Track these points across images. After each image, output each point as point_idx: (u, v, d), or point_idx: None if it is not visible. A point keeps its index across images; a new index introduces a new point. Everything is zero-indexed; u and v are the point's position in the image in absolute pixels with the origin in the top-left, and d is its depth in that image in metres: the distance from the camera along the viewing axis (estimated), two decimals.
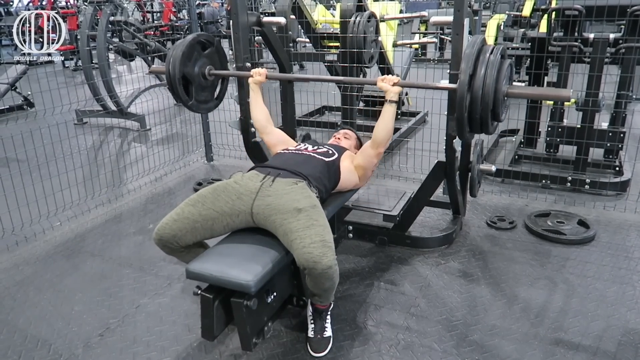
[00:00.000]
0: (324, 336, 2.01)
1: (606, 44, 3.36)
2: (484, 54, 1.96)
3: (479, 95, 1.91)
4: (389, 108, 2.22)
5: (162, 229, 1.96)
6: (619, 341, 2.01)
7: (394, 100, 2.20)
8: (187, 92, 2.59)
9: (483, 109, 1.94)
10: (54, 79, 3.99)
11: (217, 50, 2.69)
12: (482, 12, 9.04)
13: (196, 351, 2.03)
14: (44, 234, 3.04)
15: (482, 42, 2.02)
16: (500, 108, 1.98)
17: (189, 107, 2.64)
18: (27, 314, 2.30)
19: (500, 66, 1.96)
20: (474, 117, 1.97)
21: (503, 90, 1.96)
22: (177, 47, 2.50)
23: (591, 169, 3.70)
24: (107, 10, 5.48)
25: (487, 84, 1.91)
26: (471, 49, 1.96)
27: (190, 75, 2.55)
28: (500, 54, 1.98)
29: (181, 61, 2.46)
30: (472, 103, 1.94)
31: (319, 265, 1.73)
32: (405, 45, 5.67)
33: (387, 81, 2.21)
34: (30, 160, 3.29)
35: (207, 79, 2.64)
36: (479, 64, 1.93)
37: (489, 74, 1.91)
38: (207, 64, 2.62)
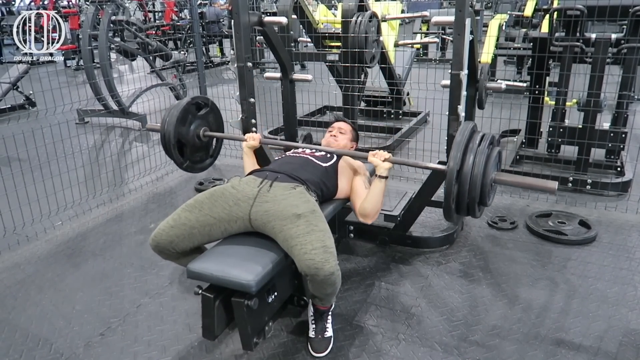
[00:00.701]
0: (325, 336, 2.01)
1: (608, 44, 3.36)
2: (474, 142, 2.02)
3: (467, 183, 1.98)
4: (378, 184, 2.15)
5: (158, 236, 1.95)
6: (620, 342, 2.01)
7: (384, 175, 2.15)
8: (181, 153, 2.62)
9: (470, 195, 2.00)
10: (56, 79, 3.99)
11: (212, 110, 2.71)
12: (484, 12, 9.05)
13: (197, 351, 2.03)
14: (45, 233, 3.04)
15: (472, 129, 2.08)
16: (487, 195, 2.04)
17: (184, 168, 2.68)
18: (28, 313, 2.30)
19: (488, 154, 2.02)
20: (461, 202, 2.03)
21: (491, 177, 2.03)
22: (173, 110, 2.52)
23: (593, 169, 3.69)
24: (109, 10, 5.49)
25: (474, 173, 1.97)
26: (461, 137, 2.02)
27: (185, 138, 2.58)
28: (489, 142, 2.05)
29: (176, 126, 2.49)
30: (460, 190, 2.00)
31: (321, 272, 1.73)
32: (407, 45, 5.66)
33: (378, 156, 2.17)
34: (32, 159, 3.30)
35: (201, 140, 2.66)
36: (468, 152, 1.99)
37: (477, 163, 1.97)
38: (202, 125, 2.64)
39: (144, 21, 11.26)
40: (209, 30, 10.03)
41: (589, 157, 3.61)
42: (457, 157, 1.97)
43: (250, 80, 2.90)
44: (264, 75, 3.46)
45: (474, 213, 2.08)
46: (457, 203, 2.05)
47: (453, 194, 2.01)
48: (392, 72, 4.97)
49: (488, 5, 13.12)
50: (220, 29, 10.27)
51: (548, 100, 4.36)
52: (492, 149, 2.07)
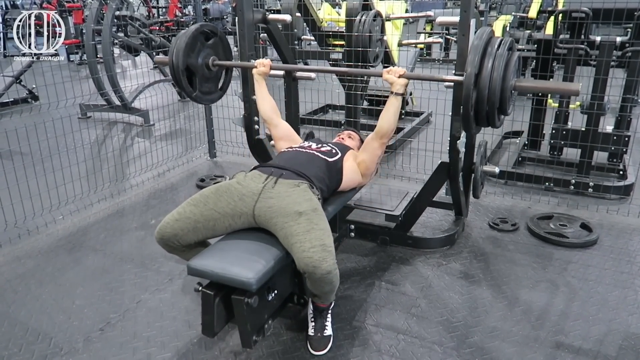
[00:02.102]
0: (324, 335, 2.01)
1: (612, 47, 3.35)
2: (492, 46, 1.92)
3: (486, 89, 1.88)
4: (394, 101, 2.21)
5: (163, 228, 1.96)
6: (620, 345, 2.01)
7: (400, 92, 2.19)
8: (190, 84, 2.56)
9: (490, 103, 1.91)
10: (59, 73, 3.98)
11: (221, 40, 2.65)
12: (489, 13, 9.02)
13: (196, 347, 2.03)
14: (47, 227, 3.04)
15: (489, 34, 1.98)
16: (507, 102, 1.95)
17: (193, 98, 2.61)
18: (28, 307, 2.30)
19: (508, 59, 1.92)
20: (480, 111, 1.94)
21: (510, 83, 1.93)
22: (180, 37, 2.46)
23: (595, 172, 3.69)
24: (113, 5, 5.48)
25: (494, 77, 1.87)
26: (478, 41, 1.92)
27: (194, 67, 2.52)
28: (508, 46, 1.95)
29: (184, 52, 2.43)
30: (479, 97, 1.90)
31: (318, 270, 1.73)
32: (411, 44, 5.65)
33: (392, 73, 2.19)
34: (34, 153, 3.30)
35: (210, 70, 2.61)
36: (486, 56, 1.89)
37: (497, 67, 1.87)
38: (210, 55, 2.59)
39: (147, 17, 11.25)
40: None
41: (591, 160, 3.60)
42: (475, 62, 1.87)
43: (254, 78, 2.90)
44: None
45: (494, 122, 1.99)
46: (476, 111, 1.95)
47: (472, 101, 1.91)
48: None
49: (493, 6, 13.09)
50: (224, 25, 10.27)
51: (551, 103, 4.36)
52: (512, 54, 1.96)
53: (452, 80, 2.15)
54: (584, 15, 3.30)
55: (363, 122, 4.08)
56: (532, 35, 5.34)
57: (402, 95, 2.20)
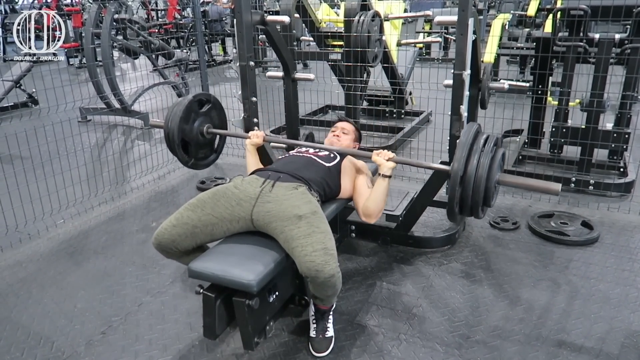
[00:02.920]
0: (326, 336, 2.01)
1: (611, 44, 3.34)
2: (478, 143, 2.01)
3: (472, 183, 1.97)
4: (381, 182, 2.16)
5: (160, 235, 1.95)
6: (622, 343, 2.01)
7: (387, 175, 2.16)
8: (186, 151, 2.62)
9: (474, 197, 2.00)
10: (59, 77, 3.99)
11: (214, 106, 2.70)
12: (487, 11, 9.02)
13: (198, 350, 2.03)
14: (48, 231, 3.04)
15: (476, 130, 2.07)
16: (491, 197, 2.03)
17: (189, 166, 2.69)
18: (30, 311, 2.31)
19: (493, 155, 2.02)
20: (465, 202, 2.02)
21: (495, 178, 2.02)
22: (175, 108, 2.52)
23: (595, 170, 3.68)
24: (112, 8, 5.49)
25: (479, 174, 1.96)
26: (466, 138, 2.01)
27: (189, 137, 2.58)
28: (494, 143, 2.05)
29: (179, 125, 2.49)
30: (464, 194, 1.99)
31: (321, 274, 1.73)
32: (410, 44, 5.65)
33: (382, 155, 2.18)
34: (34, 157, 3.31)
35: (205, 137, 2.66)
36: (473, 153, 1.98)
37: (482, 165, 1.96)
38: (205, 122, 2.64)
39: (146, 19, 11.27)
40: (212, 28, 10.03)
41: (591, 157, 3.60)
42: (462, 159, 1.96)
43: (253, 79, 2.90)
44: (266, 74, 3.46)
45: (478, 214, 2.08)
46: (460, 205, 2.04)
47: (457, 196, 2.00)
48: (394, 71, 4.96)
49: (491, 4, 13.08)
50: (222, 27, 10.27)
51: (551, 101, 4.35)
52: (496, 150, 2.06)
53: (440, 169, 2.21)
54: (583, 13, 3.30)
55: (363, 122, 4.08)
56: (531, 33, 5.34)
57: (389, 177, 2.18)
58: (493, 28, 4.62)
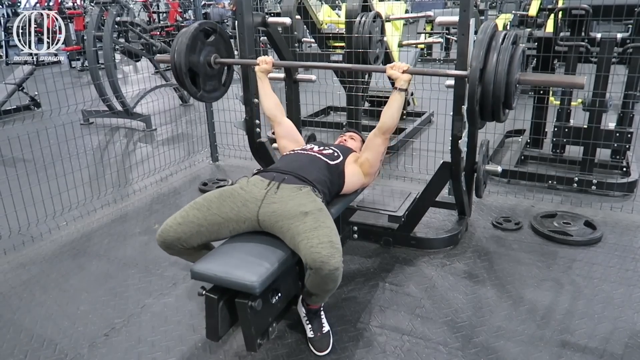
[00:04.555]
0: (324, 332, 2.02)
1: (613, 43, 3.34)
2: (496, 40, 1.91)
3: (491, 83, 1.87)
4: (397, 96, 2.21)
5: (165, 232, 1.95)
6: (626, 343, 2.00)
7: (404, 88, 2.19)
8: (194, 83, 2.54)
9: (495, 97, 1.90)
10: (61, 80, 4.00)
11: (221, 36, 2.62)
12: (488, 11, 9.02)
13: (201, 351, 2.03)
14: (50, 233, 3.05)
15: (493, 28, 1.97)
16: (512, 96, 1.94)
17: (198, 98, 2.59)
18: (33, 313, 2.31)
19: (512, 53, 1.91)
20: (486, 106, 1.93)
21: (515, 77, 1.92)
22: (181, 38, 2.42)
23: (598, 169, 3.68)
24: (114, 11, 5.52)
25: (499, 71, 1.86)
26: (483, 35, 1.90)
27: (196, 67, 2.49)
28: (512, 40, 1.94)
29: (186, 53, 2.40)
30: (484, 91, 1.89)
31: (326, 265, 1.72)
32: (411, 45, 5.65)
33: (396, 68, 2.19)
34: (37, 160, 3.31)
35: (213, 68, 2.58)
36: (491, 50, 1.88)
37: (501, 61, 1.86)
38: (212, 52, 2.55)
39: (148, 22, 11.28)
40: None
41: (594, 157, 3.59)
42: (480, 56, 1.86)
43: (254, 81, 2.90)
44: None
45: (499, 116, 1.98)
46: (481, 105, 1.94)
47: (477, 96, 1.91)
48: None
49: (492, 5, 13.08)
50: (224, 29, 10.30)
51: (553, 100, 4.35)
52: (516, 47, 1.96)
53: (457, 75, 2.14)
54: (584, 13, 3.30)
55: (365, 123, 4.07)
56: (533, 33, 5.33)
57: (405, 91, 2.20)
58: None
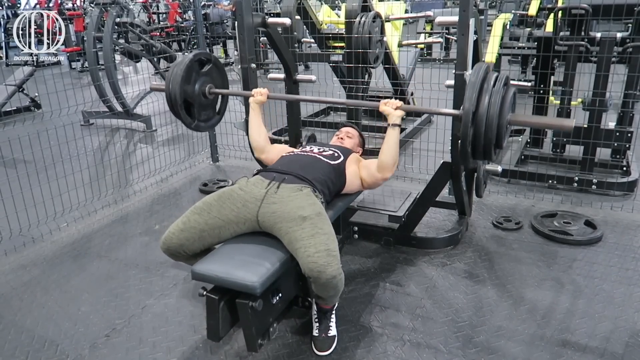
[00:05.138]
0: (329, 335, 2.02)
1: (613, 43, 3.34)
2: (488, 82, 1.97)
3: (483, 125, 1.93)
4: (392, 132, 2.18)
5: (169, 239, 1.97)
6: (627, 343, 2.00)
7: (397, 123, 2.18)
8: (189, 113, 2.57)
9: (487, 137, 1.96)
10: (61, 81, 4.00)
11: (215, 66, 2.65)
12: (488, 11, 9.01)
13: (202, 352, 2.03)
14: (51, 235, 3.05)
15: (486, 70, 2.03)
16: (503, 137, 2.00)
17: (193, 128, 2.62)
18: (34, 314, 2.31)
19: (504, 95, 1.97)
20: (477, 146, 1.99)
21: (506, 119, 1.98)
22: (175, 69, 2.45)
23: (598, 169, 3.68)
24: (113, 12, 5.52)
25: (491, 113, 1.92)
26: (475, 78, 1.97)
27: (191, 97, 2.51)
28: (504, 82, 2.01)
29: (181, 85, 2.43)
30: (476, 132, 1.96)
31: (323, 274, 1.74)
32: (411, 45, 5.65)
33: (389, 105, 2.19)
34: (37, 161, 3.31)
35: (207, 98, 2.60)
36: (483, 93, 1.94)
37: (493, 104, 1.92)
38: (206, 83, 2.58)
39: (148, 23, 11.29)
40: (213, 31, 10.04)
41: (594, 156, 3.59)
42: (473, 98, 1.91)
43: (254, 81, 2.91)
44: (267, 76, 3.47)
45: (491, 156, 2.02)
46: (473, 146, 1.99)
47: (469, 137, 1.95)
48: (396, 72, 4.96)
49: (492, 4, 13.08)
50: (224, 30, 10.29)
51: (553, 100, 4.35)
52: (507, 89, 2.01)
53: (451, 114, 2.19)
54: (584, 12, 3.30)
55: (365, 123, 4.08)
56: (532, 33, 5.34)
57: (399, 126, 2.19)
58: (494, 28, 4.61)
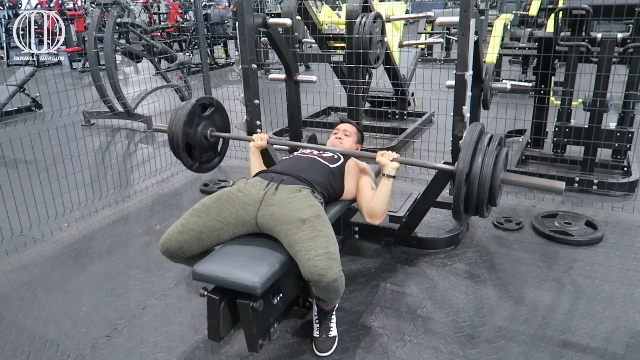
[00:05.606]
0: (329, 336, 2.02)
1: (614, 43, 3.34)
2: (482, 143, 2.02)
3: (476, 184, 1.97)
4: (386, 182, 2.17)
5: (168, 241, 1.97)
6: (628, 343, 2.00)
7: (392, 175, 2.18)
8: (190, 155, 2.63)
9: (479, 196, 2.00)
10: (62, 81, 4.01)
11: (217, 109, 2.71)
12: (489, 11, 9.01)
13: (202, 352, 2.03)
14: (52, 235, 3.06)
15: (480, 130, 2.08)
16: (496, 195, 2.04)
17: (194, 170, 2.69)
18: (35, 314, 2.32)
19: (497, 154, 2.02)
20: (470, 201, 2.03)
21: (500, 177, 2.02)
22: (178, 113, 2.51)
23: (599, 169, 3.67)
24: (114, 12, 5.52)
25: (484, 173, 1.97)
26: (470, 138, 2.01)
27: (193, 140, 2.58)
28: (498, 142, 2.05)
29: (183, 130, 2.49)
30: (469, 191, 2.00)
31: (324, 278, 1.74)
32: (411, 45, 5.65)
33: (386, 156, 2.21)
34: (38, 161, 3.32)
35: (209, 140, 2.66)
36: (477, 153, 1.99)
37: (487, 164, 1.97)
38: (208, 126, 2.65)
39: (149, 23, 11.30)
40: (214, 31, 10.05)
41: (595, 157, 3.59)
42: (467, 158, 1.97)
43: (255, 82, 2.91)
44: (268, 77, 3.47)
45: (482, 213, 2.08)
46: (465, 204, 2.04)
47: (462, 195, 2.01)
48: (396, 72, 4.96)
49: (493, 4, 13.08)
50: (224, 30, 10.30)
51: (554, 100, 4.35)
52: (500, 149, 2.07)
53: (445, 169, 2.22)
54: (585, 12, 3.30)
55: (365, 123, 4.08)
56: (533, 33, 5.34)
57: (394, 178, 2.19)
58: (495, 28, 4.61)
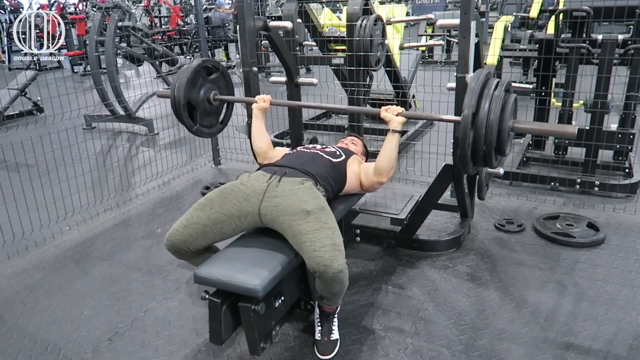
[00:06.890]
0: (331, 339, 2.01)
1: (615, 45, 3.34)
2: (489, 88, 1.94)
3: (483, 128, 1.90)
4: (392, 138, 2.18)
5: (172, 236, 1.98)
6: (630, 345, 1.99)
7: (398, 130, 2.18)
8: (192, 117, 2.59)
9: (487, 144, 1.93)
10: (63, 84, 4.02)
11: (223, 75, 2.68)
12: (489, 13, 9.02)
13: (204, 355, 2.03)
14: (54, 238, 3.06)
15: (486, 76, 2.00)
16: (505, 143, 1.96)
17: (194, 132, 2.64)
18: (36, 318, 2.32)
19: (504, 100, 1.94)
20: (477, 151, 1.96)
21: (508, 124, 1.95)
22: (183, 72, 2.48)
23: (600, 171, 3.67)
24: (115, 16, 5.53)
25: (491, 118, 1.90)
26: (475, 83, 1.94)
27: (195, 101, 2.54)
28: (505, 88, 1.98)
29: (186, 87, 2.46)
30: (476, 136, 1.93)
31: (329, 269, 1.73)
32: (412, 47, 5.66)
33: (390, 111, 2.20)
34: (40, 165, 3.32)
35: (212, 104, 2.63)
36: (483, 98, 1.92)
37: (493, 109, 1.90)
38: (212, 89, 2.61)
39: (150, 27, 11.32)
40: (215, 35, 10.07)
41: (596, 158, 3.58)
42: (472, 103, 1.90)
43: (256, 85, 2.92)
44: (269, 79, 3.47)
45: (491, 162, 1.99)
46: (473, 151, 1.95)
47: (468, 140, 1.93)
48: (397, 74, 4.96)
49: (493, 6, 13.09)
50: (225, 33, 10.31)
51: (555, 102, 4.34)
52: (508, 95, 1.99)
53: (451, 120, 2.17)
54: (585, 14, 3.30)
55: (366, 126, 4.09)
56: (534, 35, 5.33)
57: (399, 133, 2.20)
58: (495, 30, 4.61)
